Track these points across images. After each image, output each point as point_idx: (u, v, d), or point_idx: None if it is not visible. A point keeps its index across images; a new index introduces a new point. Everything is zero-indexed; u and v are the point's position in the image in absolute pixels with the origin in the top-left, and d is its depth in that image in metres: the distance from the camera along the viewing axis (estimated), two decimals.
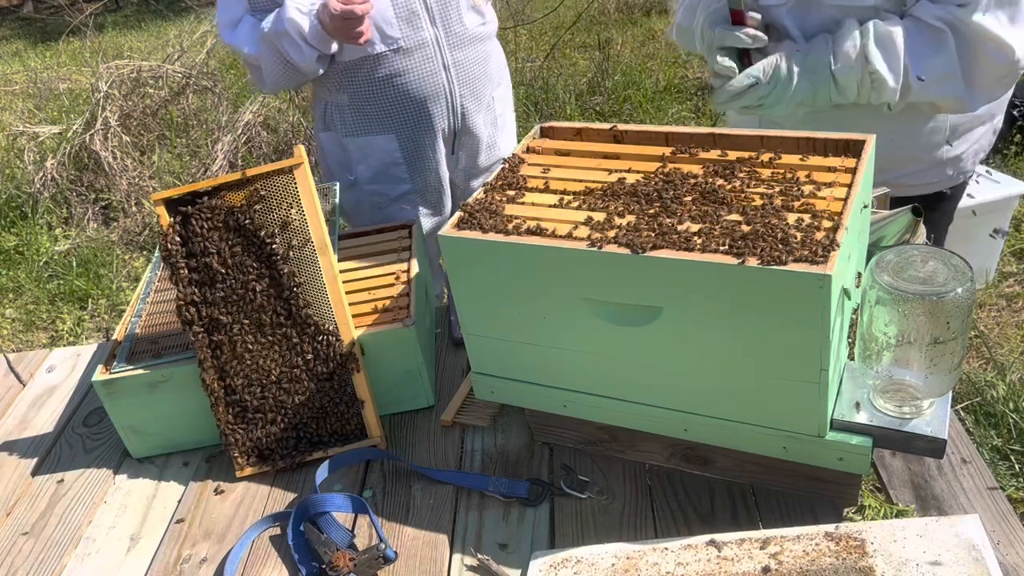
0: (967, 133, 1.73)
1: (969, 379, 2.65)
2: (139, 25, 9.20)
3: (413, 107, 2.00)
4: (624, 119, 5.05)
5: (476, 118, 2.10)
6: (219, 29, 1.98)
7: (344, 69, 1.97)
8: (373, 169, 2.08)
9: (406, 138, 2.05)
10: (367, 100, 2.00)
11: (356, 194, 2.13)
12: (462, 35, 1.99)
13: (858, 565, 1.08)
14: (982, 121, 1.75)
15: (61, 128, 4.93)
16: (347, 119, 2.04)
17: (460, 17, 1.98)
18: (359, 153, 2.07)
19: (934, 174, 1.76)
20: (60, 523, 1.43)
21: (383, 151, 2.05)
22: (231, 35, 1.94)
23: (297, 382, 1.43)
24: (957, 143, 1.73)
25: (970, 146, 1.76)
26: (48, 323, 3.95)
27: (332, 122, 2.08)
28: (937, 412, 1.13)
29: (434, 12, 1.93)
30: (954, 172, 1.78)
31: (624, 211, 1.17)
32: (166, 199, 1.39)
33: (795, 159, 1.23)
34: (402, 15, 1.91)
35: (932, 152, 1.72)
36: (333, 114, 2.06)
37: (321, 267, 1.41)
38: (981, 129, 1.76)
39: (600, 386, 1.25)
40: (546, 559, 1.19)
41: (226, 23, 1.95)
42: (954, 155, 1.74)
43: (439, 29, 1.95)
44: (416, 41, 1.94)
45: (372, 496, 1.39)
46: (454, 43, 1.98)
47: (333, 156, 2.14)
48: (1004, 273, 3.32)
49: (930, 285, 1.03)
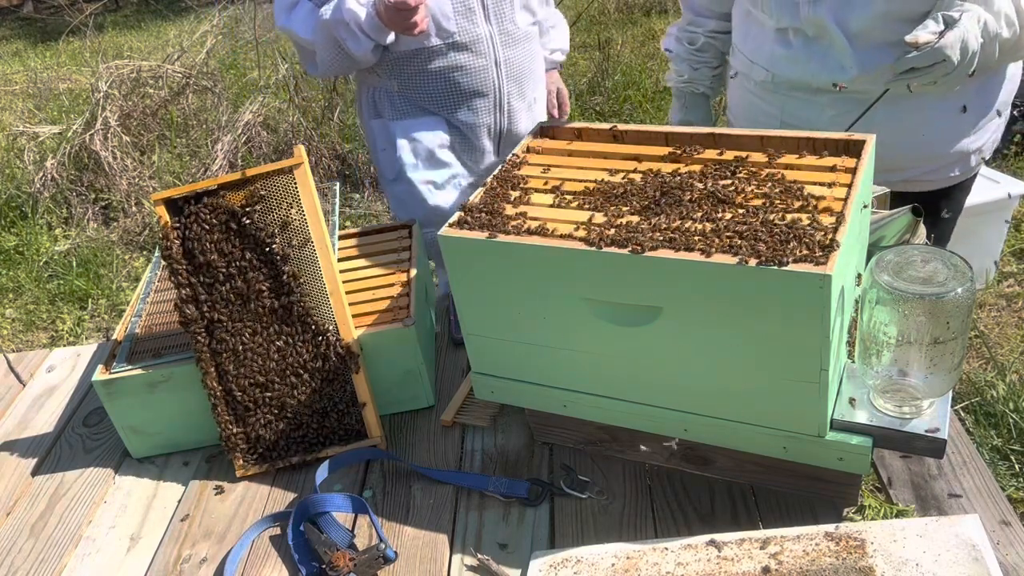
0: (988, 123, 1.75)
1: (969, 379, 2.65)
2: (139, 25, 9.20)
3: (463, 100, 2.05)
4: (624, 119, 5.05)
5: (520, 118, 2.14)
6: (275, 12, 2.00)
7: (397, 58, 1.99)
8: (420, 154, 2.09)
9: (455, 123, 2.08)
10: (417, 89, 2.03)
11: (403, 185, 2.12)
12: (514, 33, 2.04)
13: (858, 565, 1.08)
14: (999, 112, 1.77)
15: (61, 128, 4.93)
16: (396, 103, 2.07)
17: (513, 15, 2.02)
18: (405, 137, 2.08)
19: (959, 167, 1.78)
20: (60, 523, 1.43)
21: (431, 132, 2.07)
22: (287, 18, 1.96)
23: (297, 382, 1.43)
24: (979, 133, 1.75)
25: (989, 136, 1.79)
26: (48, 323, 3.95)
27: (382, 108, 2.10)
28: (937, 412, 1.13)
29: (489, 9, 1.97)
30: (976, 162, 1.81)
31: (624, 211, 1.17)
32: (166, 199, 1.39)
33: (795, 159, 1.23)
34: (459, 10, 1.94)
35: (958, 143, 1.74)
36: (382, 99, 2.09)
37: (321, 267, 1.41)
38: (998, 120, 1.79)
39: (600, 386, 1.25)
40: (546, 559, 1.19)
41: (282, 7, 1.97)
42: (976, 147, 1.77)
43: (493, 26, 1.99)
44: (471, 36, 1.98)
45: (372, 496, 1.39)
46: (506, 40, 2.03)
47: (383, 145, 2.14)
48: (1004, 273, 3.32)
49: (930, 285, 1.03)
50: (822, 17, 1.60)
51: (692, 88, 2.01)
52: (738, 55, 1.87)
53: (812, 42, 1.66)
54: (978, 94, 1.69)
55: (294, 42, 2.04)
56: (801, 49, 1.68)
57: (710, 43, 1.95)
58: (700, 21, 1.95)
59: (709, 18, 1.93)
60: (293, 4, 1.96)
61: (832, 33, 1.61)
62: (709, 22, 1.93)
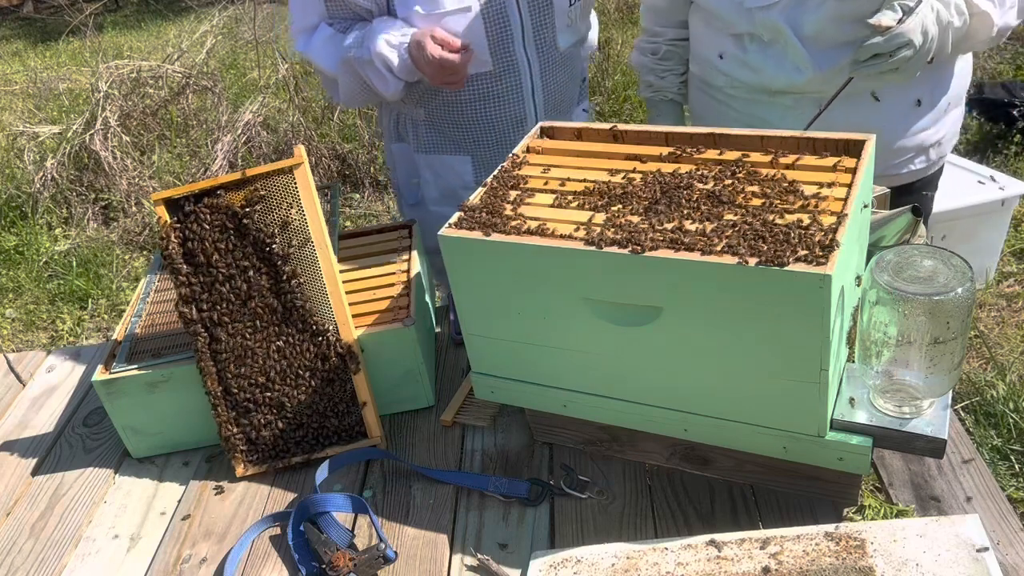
0: (944, 116, 1.80)
1: (969, 379, 2.65)
2: (139, 25, 9.20)
3: (494, 131, 1.89)
4: (624, 119, 5.05)
5: None
6: (292, 32, 1.88)
7: (426, 87, 1.85)
8: (442, 189, 1.98)
9: (482, 161, 1.93)
10: (445, 119, 1.89)
11: (421, 213, 2.01)
12: (554, 57, 1.87)
13: (858, 565, 1.08)
14: (955, 105, 1.82)
15: (61, 128, 4.93)
16: (421, 133, 1.94)
17: (555, 39, 1.85)
18: (429, 172, 1.98)
19: (920, 160, 1.83)
20: (60, 523, 1.43)
21: (455, 173, 1.95)
22: (305, 43, 1.83)
23: (297, 382, 1.43)
24: (937, 126, 1.79)
25: (948, 129, 1.83)
26: (48, 323, 3.95)
27: (405, 134, 1.99)
28: (937, 412, 1.13)
29: (528, 33, 1.80)
30: (936, 156, 1.85)
31: (624, 211, 1.17)
32: (166, 199, 1.39)
33: (795, 159, 1.23)
34: (494, 38, 1.78)
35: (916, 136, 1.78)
36: (407, 126, 1.97)
37: (321, 267, 1.41)
38: (955, 112, 1.84)
39: (600, 386, 1.25)
40: (546, 559, 1.19)
41: (299, 28, 1.84)
42: (935, 140, 1.81)
43: (531, 51, 1.82)
44: (506, 65, 1.82)
45: (372, 496, 1.39)
46: (545, 66, 1.86)
47: (403, 170, 2.05)
48: (1004, 273, 3.32)
49: (930, 285, 1.03)
50: (775, 21, 1.62)
51: (661, 96, 2.03)
52: (697, 61, 1.90)
53: (767, 46, 1.69)
54: (931, 88, 1.74)
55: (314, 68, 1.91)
56: (757, 53, 1.71)
57: (672, 51, 1.96)
58: (659, 31, 1.97)
59: (667, 27, 1.95)
60: (311, 27, 1.81)
61: (786, 36, 1.64)
62: (668, 31, 1.95)
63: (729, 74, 1.78)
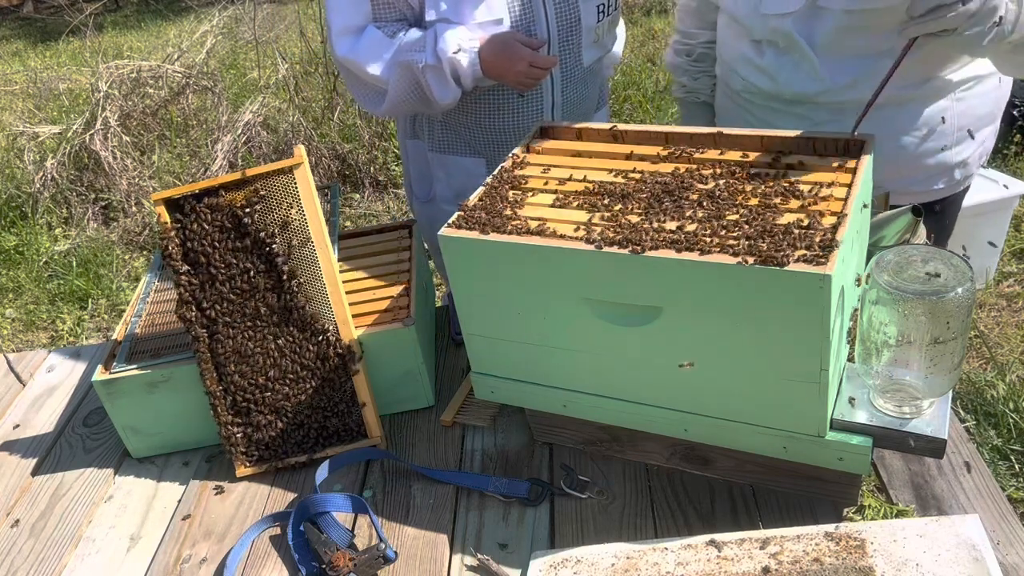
0: (969, 137, 1.71)
1: (969, 379, 2.65)
2: (139, 25, 9.20)
3: (509, 139, 1.86)
4: (624, 119, 5.05)
5: None
6: (331, 35, 1.72)
7: None
8: (454, 189, 1.94)
9: (496, 164, 1.85)
10: (462, 122, 1.86)
11: (432, 210, 1.98)
12: (576, 72, 1.83)
13: (858, 565, 1.08)
14: (988, 122, 1.74)
15: (61, 128, 4.93)
16: (436, 133, 1.90)
17: (579, 56, 1.81)
18: (442, 171, 1.95)
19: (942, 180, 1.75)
20: (60, 523, 1.43)
21: (468, 173, 1.91)
22: (351, 47, 1.70)
23: (297, 382, 1.43)
24: (961, 146, 1.72)
25: (976, 148, 1.75)
26: (48, 323, 3.95)
27: (420, 131, 1.96)
28: (937, 412, 1.13)
29: (554, 51, 1.76)
30: (961, 176, 1.77)
31: (624, 211, 1.17)
32: (166, 199, 1.39)
33: (795, 159, 1.23)
34: None
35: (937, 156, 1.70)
36: (423, 124, 1.93)
37: (321, 267, 1.41)
38: (987, 130, 1.75)
39: (600, 386, 1.25)
40: (546, 559, 1.19)
41: (341, 29, 1.70)
42: (959, 160, 1.73)
43: (555, 69, 1.78)
44: None
45: (372, 496, 1.39)
46: (567, 81, 1.83)
47: (416, 166, 2.02)
48: (1004, 273, 3.32)
49: (930, 285, 1.03)
50: (790, 30, 1.62)
51: (694, 97, 2.02)
52: (720, 63, 1.89)
53: (783, 53, 1.68)
54: (958, 105, 1.67)
55: (352, 73, 1.75)
56: (773, 60, 1.70)
57: (706, 53, 1.95)
58: (694, 33, 1.96)
59: (702, 29, 1.94)
60: (357, 29, 1.70)
61: (800, 46, 1.62)
62: (702, 33, 1.94)
63: (747, 79, 1.77)
